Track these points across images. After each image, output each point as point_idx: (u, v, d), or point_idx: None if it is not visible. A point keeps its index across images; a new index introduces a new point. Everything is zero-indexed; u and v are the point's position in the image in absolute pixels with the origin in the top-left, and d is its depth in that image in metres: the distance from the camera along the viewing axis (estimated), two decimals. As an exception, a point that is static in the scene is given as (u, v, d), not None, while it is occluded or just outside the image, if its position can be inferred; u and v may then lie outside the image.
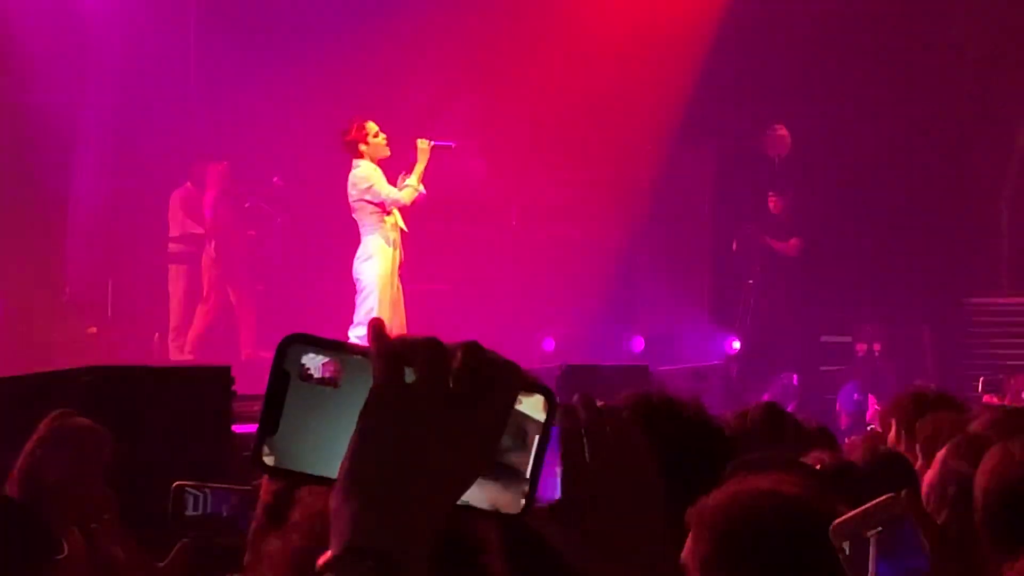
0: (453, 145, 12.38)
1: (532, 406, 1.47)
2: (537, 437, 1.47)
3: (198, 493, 4.56)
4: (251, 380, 13.18)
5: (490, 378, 1.43)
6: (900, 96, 16.78)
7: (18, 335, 15.03)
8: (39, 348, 14.73)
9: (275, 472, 1.48)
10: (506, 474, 1.46)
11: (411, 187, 11.95)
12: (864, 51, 16.98)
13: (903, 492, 2.50)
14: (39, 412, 5.43)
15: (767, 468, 2.82)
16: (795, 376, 16.17)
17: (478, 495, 1.45)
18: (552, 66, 16.46)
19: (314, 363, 1.47)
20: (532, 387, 1.47)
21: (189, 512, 4.54)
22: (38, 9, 15.55)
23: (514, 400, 1.45)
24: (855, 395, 15.45)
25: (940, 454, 4.09)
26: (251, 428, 8.82)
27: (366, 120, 12.19)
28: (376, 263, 11.97)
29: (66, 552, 5.06)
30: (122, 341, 15.74)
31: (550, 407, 1.47)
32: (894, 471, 4.97)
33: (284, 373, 1.48)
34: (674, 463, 3.04)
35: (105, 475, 5.27)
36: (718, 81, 16.96)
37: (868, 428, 11.48)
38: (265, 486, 3.48)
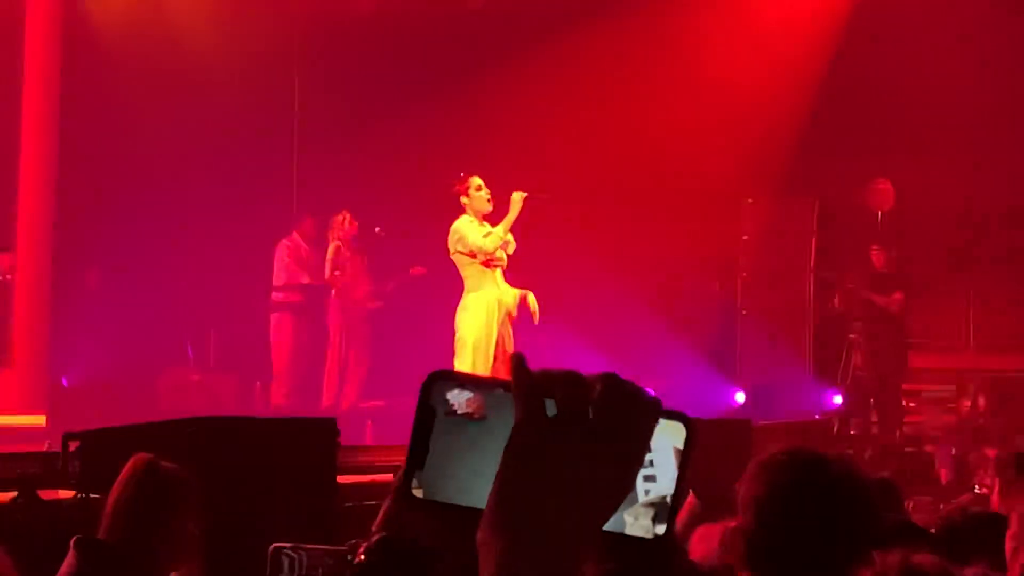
0: (546, 197, 12.34)
1: (671, 433, 1.49)
2: (676, 464, 1.49)
3: (294, 555, 4.58)
4: (355, 430, 13.30)
5: (629, 407, 1.44)
6: (1003, 150, 16.64)
7: (123, 382, 15.22)
8: (143, 395, 14.91)
9: (424, 505, 1.51)
10: (646, 501, 1.49)
11: (495, 235, 11.96)
12: (967, 103, 16.84)
13: None
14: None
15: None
16: (897, 431, 16.03)
17: (617, 522, 1.47)
18: (653, 117, 16.49)
19: (458, 399, 1.50)
20: (670, 415, 1.49)
21: (285, 574, 4.57)
22: (147, 69, 15.79)
23: (653, 428, 1.47)
24: (953, 450, 15.28)
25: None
26: (354, 479, 8.87)
27: (472, 175, 12.20)
28: (470, 314, 11.99)
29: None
30: (225, 389, 15.90)
31: (689, 434, 1.49)
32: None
33: (430, 409, 1.50)
34: (825, 521, 3.11)
35: (194, 522, 5.27)
36: (820, 134, 16.92)
37: (973, 488, 11.33)
38: (361, 548, 3.50)
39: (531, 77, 16.76)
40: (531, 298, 12.17)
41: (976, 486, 11.60)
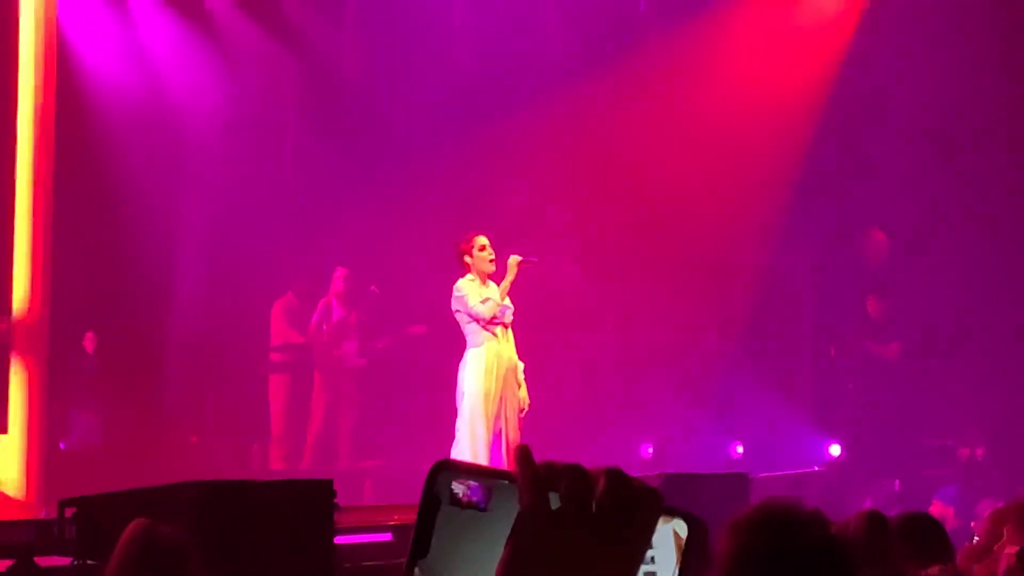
0: (538, 261, 12.29)
1: (673, 530, 1.51)
2: (678, 559, 1.50)
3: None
4: (351, 491, 13.26)
5: (632, 503, 1.46)
6: (999, 199, 16.64)
7: (119, 445, 15.19)
8: (140, 457, 14.86)
9: None
10: None
11: (492, 301, 11.92)
12: (964, 151, 16.84)
13: None
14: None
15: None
16: (896, 481, 15.98)
17: None
18: (646, 171, 16.53)
19: (462, 488, 1.51)
20: (673, 512, 1.51)
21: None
22: (135, 122, 15.82)
23: (655, 524, 1.48)
24: (952, 495, 15.22)
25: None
26: (352, 539, 8.84)
27: (478, 234, 12.14)
28: (470, 371, 11.96)
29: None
30: (222, 450, 15.87)
31: (691, 531, 1.51)
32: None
33: (434, 498, 1.52)
34: None
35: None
36: (815, 185, 16.96)
37: (973, 538, 11.28)
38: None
39: (526, 132, 16.79)
40: (519, 369, 12.16)
41: (975, 536, 11.55)
